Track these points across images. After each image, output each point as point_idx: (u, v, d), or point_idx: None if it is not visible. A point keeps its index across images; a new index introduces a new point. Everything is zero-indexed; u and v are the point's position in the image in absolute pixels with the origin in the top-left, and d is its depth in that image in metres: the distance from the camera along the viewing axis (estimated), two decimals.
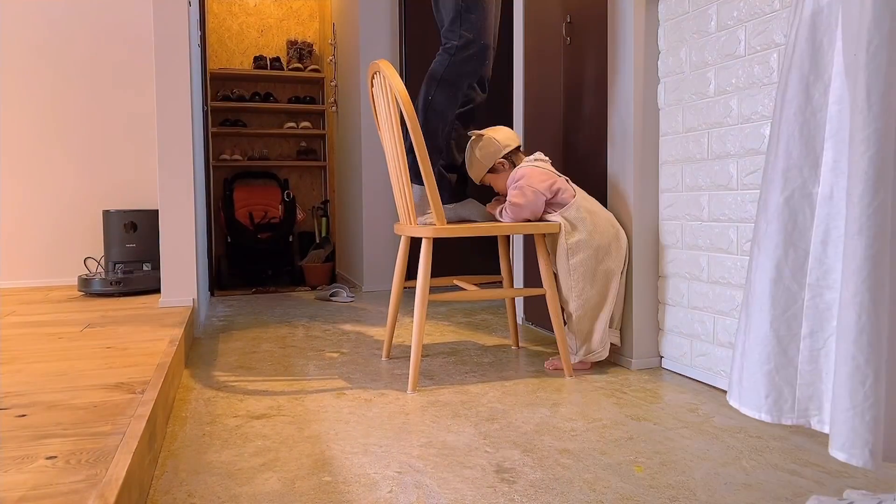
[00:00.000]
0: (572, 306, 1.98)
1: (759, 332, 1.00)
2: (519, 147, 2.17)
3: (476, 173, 2.16)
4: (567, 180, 2.06)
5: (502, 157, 2.12)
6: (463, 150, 2.21)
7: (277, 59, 4.99)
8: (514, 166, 2.12)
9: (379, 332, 2.67)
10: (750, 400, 1.01)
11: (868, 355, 0.85)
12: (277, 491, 1.20)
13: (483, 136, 2.12)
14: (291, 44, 5.11)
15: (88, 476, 0.99)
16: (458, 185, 2.23)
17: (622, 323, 2.08)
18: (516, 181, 2.03)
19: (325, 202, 5.05)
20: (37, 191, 3.56)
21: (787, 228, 0.98)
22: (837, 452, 0.88)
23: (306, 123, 5.06)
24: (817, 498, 1.08)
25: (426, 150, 1.84)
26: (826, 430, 0.96)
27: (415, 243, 3.68)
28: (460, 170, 2.23)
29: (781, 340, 0.98)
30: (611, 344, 2.05)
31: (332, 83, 4.70)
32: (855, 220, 0.86)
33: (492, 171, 2.14)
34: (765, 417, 0.99)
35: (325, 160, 5.22)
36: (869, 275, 0.85)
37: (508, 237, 2.49)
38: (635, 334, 2.03)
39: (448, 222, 2.07)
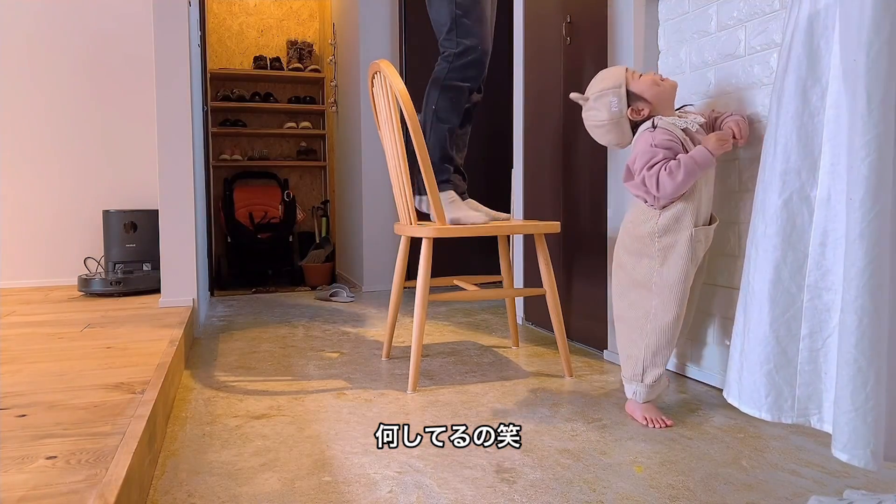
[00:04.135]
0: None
1: (758, 332, 1.00)
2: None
3: (624, 126, 1.66)
4: None
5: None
6: (462, 150, 2.21)
7: (277, 60, 4.99)
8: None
9: (379, 332, 2.67)
10: (750, 398, 1.02)
11: (870, 358, 0.86)
12: (277, 491, 1.20)
13: (588, 98, 1.70)
14: (291, 44, 5.11)
15: (88, 476, 0.99)
16: (460, 186, 2.23)
17: None
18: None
19: (325, 202, 5.05)
20: (37, 191, 3.56)
21: (785, 231, 0.98)
22: (840, 453, 0.89)
23: (306, 123, 5.06)
24: (817, 498, 1.08)
25: (426, 149, 1.84)
26: (825, 428, 0.97)
27: (415, 243, 3.68)
28: (461, 170, 2.23)
29: (781, 341, 0.99)
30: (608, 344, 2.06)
31: (332, 83, 4.70)
32: (856, 224, 0.86)
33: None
34: (765, 416, 1.00)
35: (325, 160, 5.22)
36: (870, 279, 0.85)
37: (508, 237, 2.49)
38: None
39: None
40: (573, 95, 1.74)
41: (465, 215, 1.97)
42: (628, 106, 1.63)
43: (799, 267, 0.98)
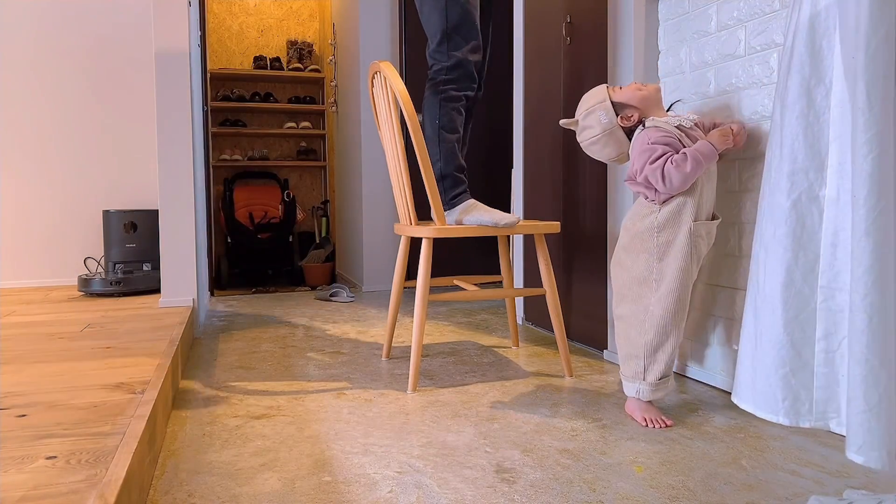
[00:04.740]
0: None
1: (771, 335, 0.99)
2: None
3: (617, 143, 1.69)
4: None
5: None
6: (462, 148, 2.20)
7: (277, 59, 4.99)
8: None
9: (379, 332, 2.67)
10: (766, 403, 1.00)
11: (882, 357, 0.85)
12: (277, 491, 1.20)
13: (577, 120, 1.74)
14: (291, 44, 5.11)
15: (88, 476, 0.99)
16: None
17: None
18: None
19: (325, 202, 5.05)
20: (37, 191, 3.56)
21: (795, 232, 0.97)
22: (855, 455, 0.87)
23: (306, 123, 5.06)
24: (817, 498, 1.08)
25: (427, 150, 1.84)
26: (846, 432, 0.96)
27: (415, 243, 3.68)
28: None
29: (796, 344, 0.97)
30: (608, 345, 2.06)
31: (332, 83, 4.70)
32: (861, 221, 0.85)
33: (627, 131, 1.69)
34: (783, 420, 0.98)
35: (325, 160, 5.22)
36: (878, 277, 0.84)
37: (508, 237, 2.49)
38: None
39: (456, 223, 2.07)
40: (563, 122, 1.78)
41: (490, 216, 1.95)
42: (617, 115, 1.66)
43: (811, 268, 0.96)
